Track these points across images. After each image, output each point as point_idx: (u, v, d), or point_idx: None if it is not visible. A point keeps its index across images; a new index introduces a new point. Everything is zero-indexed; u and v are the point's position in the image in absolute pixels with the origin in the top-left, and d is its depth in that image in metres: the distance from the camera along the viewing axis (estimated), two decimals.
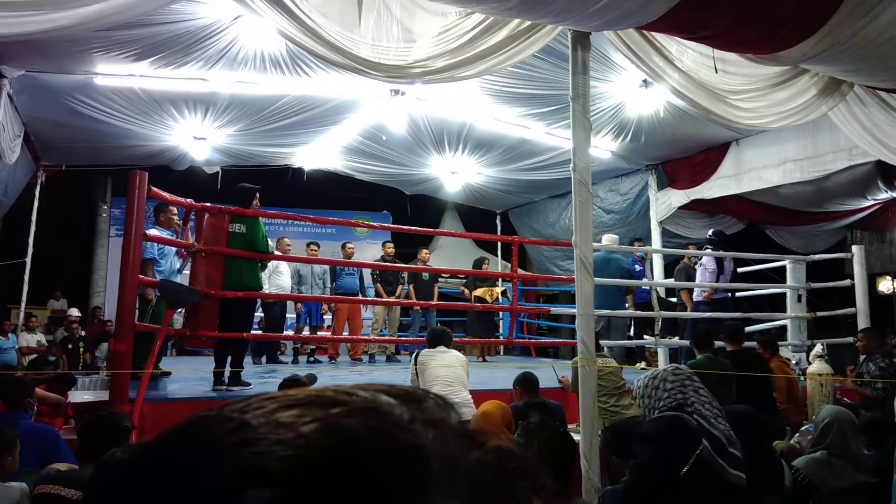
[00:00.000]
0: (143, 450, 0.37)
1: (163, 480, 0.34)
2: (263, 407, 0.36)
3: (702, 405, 3.03)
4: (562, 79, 6.34)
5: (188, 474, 0.33)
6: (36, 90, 7.15)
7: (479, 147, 9.76)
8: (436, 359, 5.25)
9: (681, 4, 4.05)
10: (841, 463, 3.68)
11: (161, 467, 0.35)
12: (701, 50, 5.59)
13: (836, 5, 4.23)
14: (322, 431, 0.34)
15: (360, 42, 5.06)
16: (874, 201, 9.15)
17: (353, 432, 0.34)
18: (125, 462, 0.37)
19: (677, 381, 3.12)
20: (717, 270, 7.71)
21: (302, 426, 0.34)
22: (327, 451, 0.33)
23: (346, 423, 0.35)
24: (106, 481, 0.36)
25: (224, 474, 0.32)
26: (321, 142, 9.74)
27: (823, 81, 5.86)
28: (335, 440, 0.34)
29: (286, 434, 0.34)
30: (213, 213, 5.51)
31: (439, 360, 5.24)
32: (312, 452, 0.33)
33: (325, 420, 0.35)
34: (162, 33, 6.14)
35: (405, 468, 0.34)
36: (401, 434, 0.35)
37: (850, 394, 6.49)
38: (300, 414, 0.35)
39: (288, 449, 0.33)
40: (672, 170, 9.83)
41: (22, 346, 9.77)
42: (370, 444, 0.34)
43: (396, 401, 0.38)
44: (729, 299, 7.93)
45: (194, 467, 0.33)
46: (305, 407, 0.36)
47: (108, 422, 2.95)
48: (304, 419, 0.35)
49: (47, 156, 9.64)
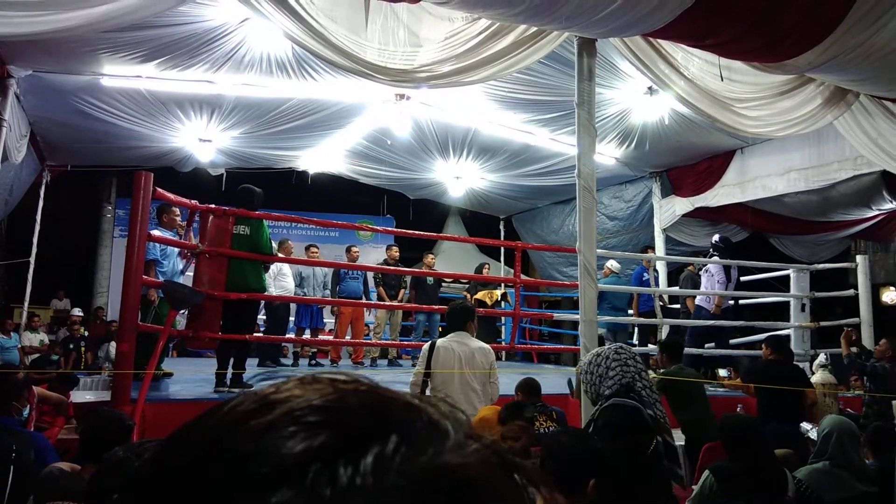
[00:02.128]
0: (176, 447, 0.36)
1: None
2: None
3: (643, 389, 3.06)
4: (567, 85, 6.34)
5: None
6: (43, 90, 7.17)
7: (484, 152, 9.76)
8: (452, 352, 4.19)
9: (688, 12, 4.05)
10: (843, 473, 3.67)
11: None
12: (707, 58, 5.60)
13: (843, 14, 4.23)
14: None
15: (366, 46, 5.07)
16: (879, 211, 9.13)
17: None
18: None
19: (619, 359, 3.14)
20: (727, 279, 7.64)
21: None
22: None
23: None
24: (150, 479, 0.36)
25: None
26: (326, 145, 9.76)
27: (829, 90, 5.86)
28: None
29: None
30: (217, 215, 5.52)
31: (455, 355, 4.18)
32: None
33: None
34: (169, 35, 6.16)
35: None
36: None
37: (854, 403, 6.46)
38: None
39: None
40: (676, 177, 9.82)
41: (24, 346, 9.78)
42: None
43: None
44: (732, 308, 7.90)
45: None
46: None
47: (111, 421, 2.93)
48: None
49: (53, 156, 9.67)
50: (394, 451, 0.33)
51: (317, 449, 0.32)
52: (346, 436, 0.33)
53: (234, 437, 0.34)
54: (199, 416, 0.37)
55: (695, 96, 5.74)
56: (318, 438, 0.33)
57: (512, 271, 8.06)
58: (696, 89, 5.71)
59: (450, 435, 0.35)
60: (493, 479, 0.35)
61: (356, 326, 8.65)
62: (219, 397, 5.23)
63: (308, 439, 0.33)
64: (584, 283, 5.02)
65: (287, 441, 0.33)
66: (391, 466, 0.32)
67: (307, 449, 0.32)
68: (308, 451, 0.32)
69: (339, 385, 0.37)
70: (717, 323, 7.35)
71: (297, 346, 9.14)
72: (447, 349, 4.18)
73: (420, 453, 0.33)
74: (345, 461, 0.32)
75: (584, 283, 5.02)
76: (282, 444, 0.33)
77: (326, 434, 0.33)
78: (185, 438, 0.36)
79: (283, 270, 8.06)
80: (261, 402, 0.36)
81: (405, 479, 0.32)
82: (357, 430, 0.34)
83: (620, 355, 3.20)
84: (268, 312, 8.17)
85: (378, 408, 0.36)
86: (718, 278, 7.62)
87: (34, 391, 4.64)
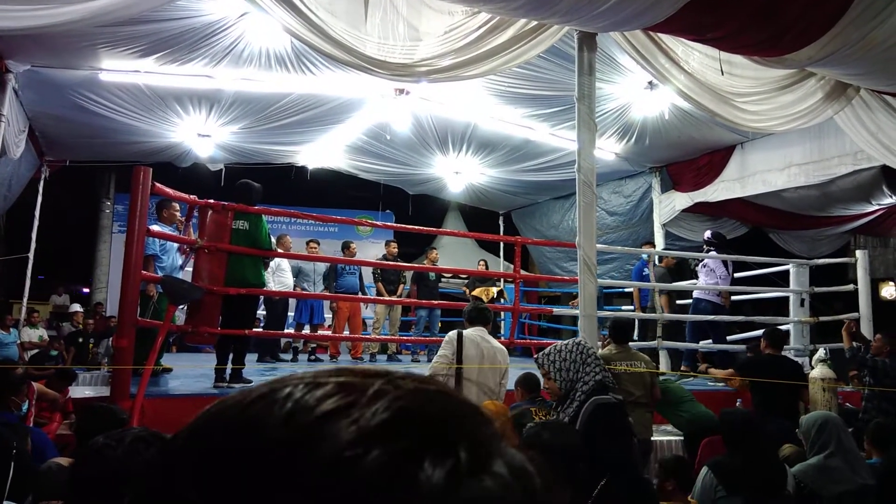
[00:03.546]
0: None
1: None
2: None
3: (610, 383, 3.10)
4: (567, 80, 6.32)
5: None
6: (41, 85, 7.15)
7: (483, 147, 9.75)
8: (477, 346, 4.12)
9: (688, 6, 4.04)
10: (838, 466, 3.67)
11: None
12: (707, 52, 5.58)
13: (844, 9, 4.22)
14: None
15: (366, 40, 5.06)
16: (878, 206, 9.12)
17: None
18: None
19: (592, 354, 3.17)
20: (727, 273, 7.58)
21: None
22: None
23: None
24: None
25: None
26: (325, 140, 9.74)
27: (830, 85, 5.84)
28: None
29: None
30: (216, 210, 5.51)
31: (480, 350, 4.12)
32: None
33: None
34: (168, 30, 6.14)
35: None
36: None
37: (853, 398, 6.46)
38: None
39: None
40: (676, 172, 9.81)
41: (24, 342, 9.77)
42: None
43: None
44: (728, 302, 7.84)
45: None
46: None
47: (104, 415, 2.91)
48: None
49: (51, 151, 9.64)
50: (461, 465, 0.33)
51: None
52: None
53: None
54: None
55: (695, 91, 5.73)
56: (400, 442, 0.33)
57: (511, 266, 8.05)
58: (696, 84, 5.70)
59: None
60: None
61: (354, 321, 8.66)
62: (218, 392, 5.23)
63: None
64: (583, 278, 5.02)
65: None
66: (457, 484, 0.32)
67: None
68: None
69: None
70: (716, 318, 7.34)
71: (296, 342, 9.15)
72: (473, 342, 4.12)
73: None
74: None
75: (583, 278, 5.02)
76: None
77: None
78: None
79: (281, 266, 8.06)
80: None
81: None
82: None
83: (590, 349, 3.22)
84: (267, 308, 8.17)
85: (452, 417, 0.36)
86: (720, 273, 7.58)
87: (33, 387, 4.64)
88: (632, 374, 4.68)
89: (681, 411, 5.13)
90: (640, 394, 4.67)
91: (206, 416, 0.37)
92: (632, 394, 4.59)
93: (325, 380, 0.36)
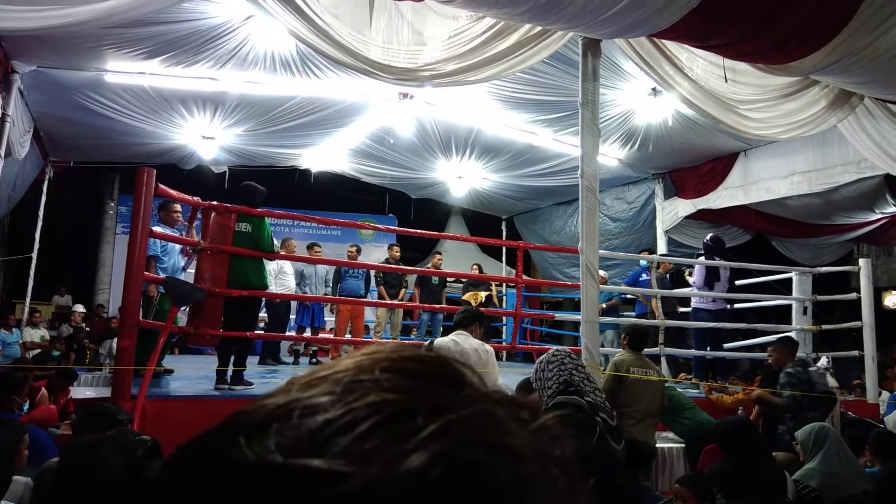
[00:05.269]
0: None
1: None
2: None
3: (581, 382, 3.12)
4: (571, 85, 6.33)
5: None
6: (46, 86, 7.18)
7: (487, 152, 9.76)
8: (448, 350, 4.14)
9: (693, 13, 4.04)
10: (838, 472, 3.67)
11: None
12: (711, 59, 5.59)
13: (848, 17, 4.22)
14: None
15: (370, 44, 5.07)
16: (882, 215, 9.11)
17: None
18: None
19: (556, 360, 3.21)
20: (707, 278, 7.49)
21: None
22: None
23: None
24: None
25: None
26: (329, 144, 9.76)
27: (833, 93, 5.84)
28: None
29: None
30: (219, 212, 5.51)
31: (451, 353, 4.48)
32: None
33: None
34: (173, 32, 6.16)
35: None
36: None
37: (856, 407, 6.46)
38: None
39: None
40: (679, 179, 9.81)
41: (26, 342, 9.78)
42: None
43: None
44: (727, 310, 7.78)
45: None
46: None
47: (101, 415, 2.90)
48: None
49: (56, 152, 9.67)
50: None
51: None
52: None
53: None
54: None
55: (699, 98, 5.73)
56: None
57: (514, 271, 8.05)
58: (700, 91, 5.70)
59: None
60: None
61: (355, 324, 8.65)
62: (219, 395, 5.23)
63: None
64: (585, 284, 5.01)
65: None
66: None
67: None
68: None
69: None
70: (717, 325, 7.33)
71: (297, 345, 9.14)
72: (444, 347, 4.21)
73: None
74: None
75: (585, 284, 5.01)
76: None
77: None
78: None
79: (284, 269, 8.06)
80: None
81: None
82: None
83: (556, 356, 3.28)
84: (269, 310, 8.18)
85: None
86: (695, 279, 7.57)
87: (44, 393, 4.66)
88: (646, 383, 4.66)
89: (682, 419, 5.12)
90: (650, 402, 4.67)
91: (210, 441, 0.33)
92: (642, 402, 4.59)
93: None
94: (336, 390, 0.32)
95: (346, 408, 0.30)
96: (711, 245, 7.69)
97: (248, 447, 0.30)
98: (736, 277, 7.92)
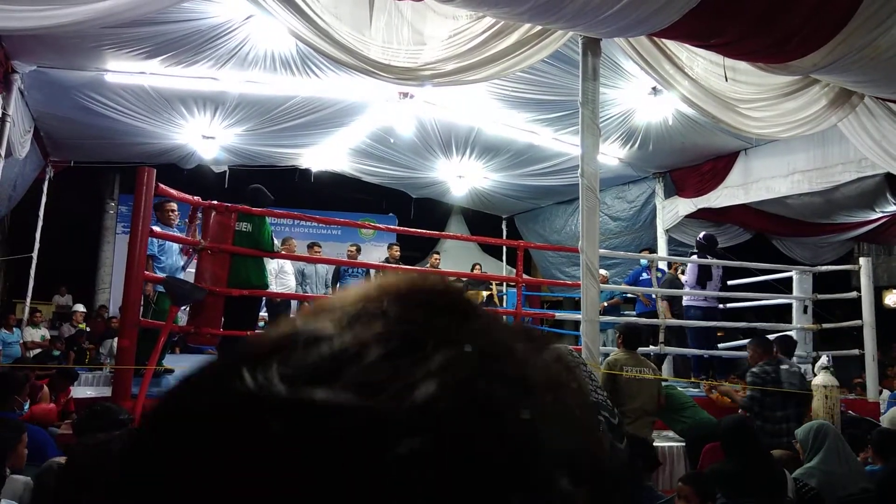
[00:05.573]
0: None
1: None
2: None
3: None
4: (571, 85, 6.33)
5: None
6: (47, 86, 7.18)
7: (487, 151, 9.75)
8: None
9: (693, 12, 4.04)
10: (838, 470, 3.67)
11: None
12: (711, 58, 5.59)
13: (848, 16, 4.22)
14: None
15: (370, 44, 5.07)
16: (882, 214, 9.11)
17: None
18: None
19: None
20: (700, 276, 7.47)
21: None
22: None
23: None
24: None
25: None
26: (329, 143, 9.76)
27: (834, 92, 5.84)
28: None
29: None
30: (219, 212, 5.52)
31: None
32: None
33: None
34: (173, 31, 6.16)
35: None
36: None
37: (856, 406, 6.45)
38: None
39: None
40: (679, 178, 9.80)
41: (27, 341, 9.78)
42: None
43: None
44: (718, 309, 7.77)
45: None
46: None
47: (104, 415, 2.91)
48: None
49: (56, 152, 9.67)
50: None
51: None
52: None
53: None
54: None
55: (699, 97, 5.73)
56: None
57: (514, 271, 8.05)
58: (700, 90, 5.70)
59: None
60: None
61: None
62: None
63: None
64: (586, 283, 5.01)
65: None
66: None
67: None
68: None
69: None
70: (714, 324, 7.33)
71: None
72: None
73: None
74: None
75: (586, 283, 5.01)
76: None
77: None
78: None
79: (284, 268, 8.06)
80: None
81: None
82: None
83: None
84: (269, 310, 8.18)
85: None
86: (688, 277, 7.57)
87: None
88: (640, 381, 4.67)
89: (683, 418, 5.12)
90: (646, 401, 4.67)
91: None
92: (637, 400, 4.59)
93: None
94: (343, 320, 0.31)
95: (353, 338, 0.29)
96: (704, 243, 7.68)
97: (250, 379, 0.28)
98: (731, 276, 7.90)
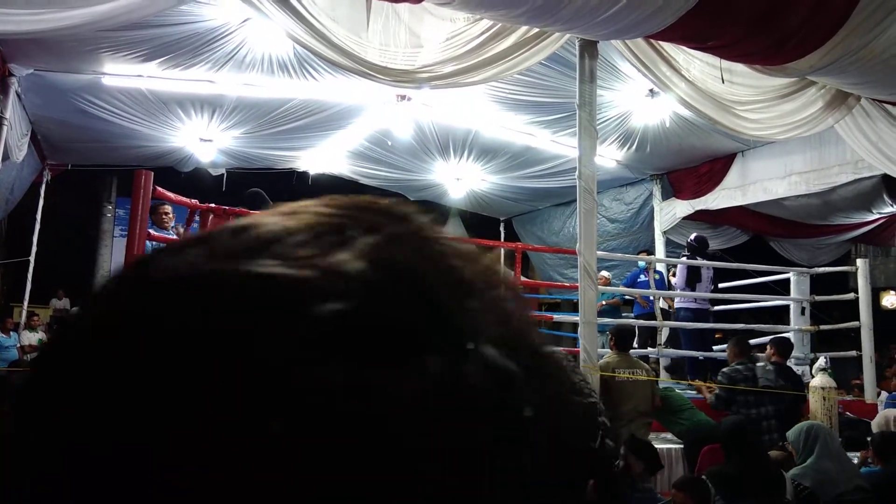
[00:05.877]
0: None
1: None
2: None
3: (578, 383, 3.11)
4: (568, 87, 6.33)
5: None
6: (44, 89, 7.17)
7: (485, 154, 9.76)
8: None
9: (690, 14, 4.05)
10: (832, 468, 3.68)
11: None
12: (708, 60, 5.60)
13: (844, 18, 4.23)
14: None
15: (367, 46, 5.08)
16: (879, 215, 9.13)
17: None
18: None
19: None
20: (689, 278, 7.48)
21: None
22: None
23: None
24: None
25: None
26: (327, 146, 9.75)
27: (830, 94, 5.86)
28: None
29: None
30: (217, 214, 5.52)
31: None
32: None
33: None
34: (170, 34, 6.16)
35: None
36: None
37: (854, 407, 6.46)
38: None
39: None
40: (677, 180, 9.81)
41: (24, 345, 9.77)
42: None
43: None
44: (709, 310, 7.77)
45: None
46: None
47: None
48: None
49: (53, 155, 9.65)
50: None
51: None
52: None
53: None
54: None
55: (696, 99, 5.74)
56: None
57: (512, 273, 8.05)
58: (697, 92, 5.71)
59: None
60: None
61: None
62: None
63: None
64: (584, 285, 5.01)
65: None
66: None
67: None
68: None
69: None
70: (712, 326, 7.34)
71: None
72: None
73: None
74: None
75: (584, 285, 5.01)
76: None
77: None
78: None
79: None
80: None
81: None
82: None
83: None
84: None
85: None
86: (677, 279, 7.58)
87: None
88: (634, 382, 4.67)
89: (681, 419, 5.12)
90: (640, 402, 4.67)
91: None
92: (632, 402, 4.60)
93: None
94: (275, 217, 0.30)
95: (282, 225, 0.28)
96: (695, 245, 7.68)
97: (166, 262, 0.27)
98: (725, 278, 7.90)
